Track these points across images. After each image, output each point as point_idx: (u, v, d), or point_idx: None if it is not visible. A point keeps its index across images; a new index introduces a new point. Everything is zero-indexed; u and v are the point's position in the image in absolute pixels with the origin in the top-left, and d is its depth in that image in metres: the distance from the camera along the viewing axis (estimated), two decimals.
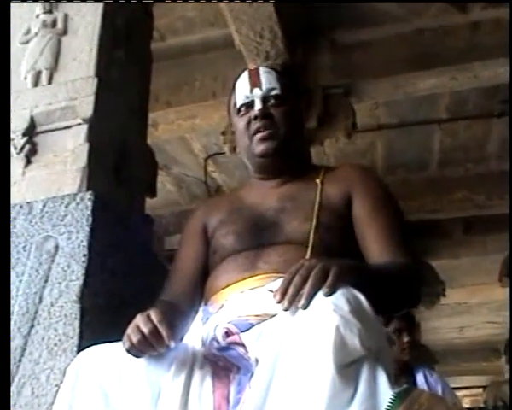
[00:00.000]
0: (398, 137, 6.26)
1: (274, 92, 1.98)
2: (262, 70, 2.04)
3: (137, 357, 1.61)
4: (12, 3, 2.63)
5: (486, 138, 6.34)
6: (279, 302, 1.44)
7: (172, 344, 1.59)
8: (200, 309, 1.93)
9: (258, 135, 1.97)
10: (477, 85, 5.18)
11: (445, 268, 8.32)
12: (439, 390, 3.70)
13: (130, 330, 1.61)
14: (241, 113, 2.02)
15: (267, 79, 2.00)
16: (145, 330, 1.57)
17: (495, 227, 7.54)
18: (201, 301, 1.96)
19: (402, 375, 3.73)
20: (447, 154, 6.56)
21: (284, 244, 1.81)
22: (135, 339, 1.58)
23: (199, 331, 1.81)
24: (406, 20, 4.85)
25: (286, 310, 1.42)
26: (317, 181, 1.96)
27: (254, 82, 2.01)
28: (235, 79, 2.08)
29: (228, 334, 1.67)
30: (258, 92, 1.99)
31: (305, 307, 1.39)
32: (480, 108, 5.84)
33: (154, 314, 1.60)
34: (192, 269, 2.02)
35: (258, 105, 1.97)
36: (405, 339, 3.90)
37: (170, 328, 1.59)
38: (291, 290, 1.43)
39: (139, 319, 1.61)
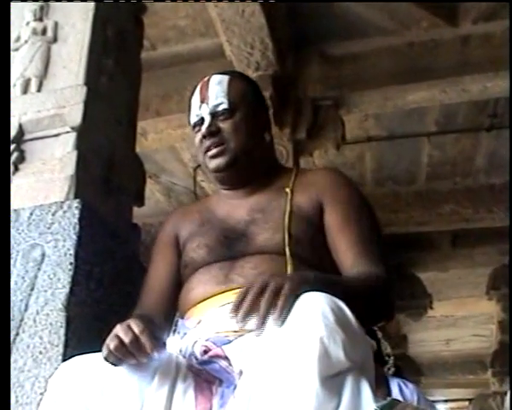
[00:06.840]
0: (387, 149, 6.28)
1: (221, 107, 1.95)
2: (212, 81, 2.00)
3: (115, 365, 1.59)
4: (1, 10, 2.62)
5: (475, 152, 6.37)
6: (232, 317, 1.42)
7: (156, 355, 1.57)
8: (178, 323, 1.90)
9: (209, 153, 1.95)
10: (466, 99, 5.21)
11: (432, 281, 8.35)
12: (415, 401, 3.67)
13: (109, 339, 1.58)
14: (196, 130, 2.01)
15: (215, 93, 1.96)
16: (126, 339, 1.55)
17: (482, 240, 7.58)
18: (176, 313, 1.94)
19: (377, 387, 3.70)
20: (436, 167, 6.59)
21: (257, 256, 1.78)
22: (112, 345, 1.55)
23: (177, 345, 1.79)
24: (396, 33, 4.89)
25: (240, 324, 1.41)
26: (287, 190, 1.93)
27: (203, 97, 1.98)
28: (192, 92, 2.06)
29: (206, 352, 1.67)
30: (205, 109, 1.96)
31: (259, 328, 1.38)
32: (468, 121, 5.88)
33: (134, 324, 1.58)
34: (165, 282, 1.99)
35: (206, 123, 1.96)
36: None
37: (152, 338, 1.56)
38: (244, 306, 1.41)
39: (119, 329, 1.59)
